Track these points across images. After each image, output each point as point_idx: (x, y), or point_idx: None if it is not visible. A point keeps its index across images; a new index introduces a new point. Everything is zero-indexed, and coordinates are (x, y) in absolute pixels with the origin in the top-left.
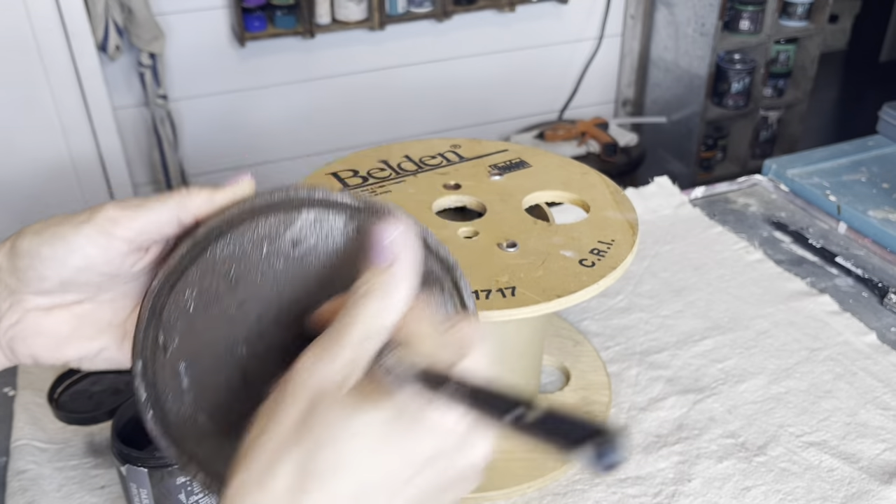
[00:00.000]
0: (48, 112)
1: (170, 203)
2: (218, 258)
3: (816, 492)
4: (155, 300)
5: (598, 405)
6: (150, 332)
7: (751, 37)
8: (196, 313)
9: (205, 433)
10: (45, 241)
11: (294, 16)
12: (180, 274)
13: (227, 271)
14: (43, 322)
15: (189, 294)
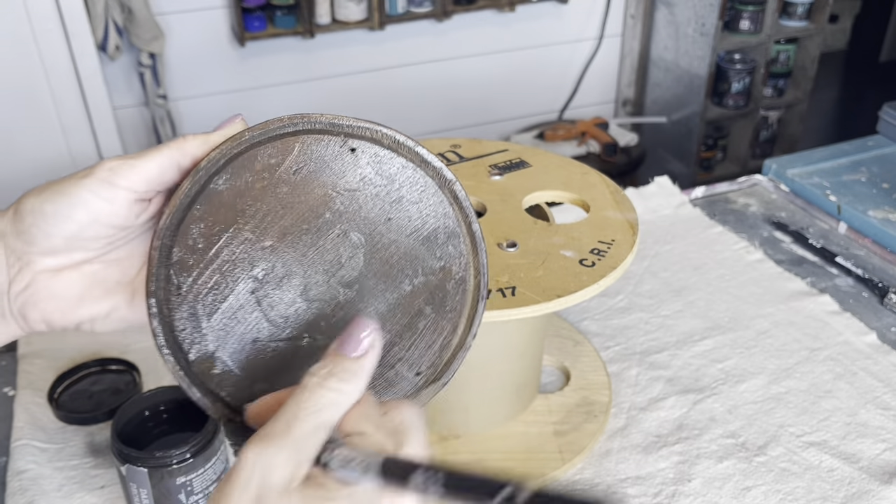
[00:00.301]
0: (48, 112)
1: (167, 150)
2: (221, 191)
3: (816, 492)
4: (163, 240)
5: (598, 405)
6: (160, 271)
7: (751, 37)
8: (206, 249)
9: (226, 372)
10: (48, 199)
11: (294, 16)
12: (185, 210)
13: (232, 203)
14: (53, 284)
15: (196, 230)
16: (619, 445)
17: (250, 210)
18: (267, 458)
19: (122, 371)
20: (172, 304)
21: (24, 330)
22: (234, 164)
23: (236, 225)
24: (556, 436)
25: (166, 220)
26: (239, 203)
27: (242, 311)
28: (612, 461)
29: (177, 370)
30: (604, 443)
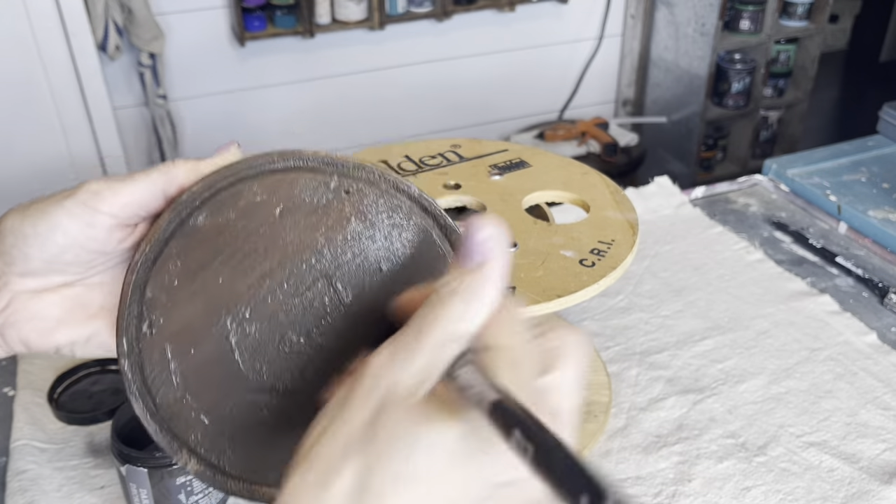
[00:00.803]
0: (48, 112)
1: (154, 175)
2: (200, 227)
3: (816, 492)
4: (137, 275)
5: (598, 405)
6: (133, 308)
7: (751, 37)
8: (181, 288)
9: (195, 417)
10: (27, 219)
11: (294, 16)
12: (162, 246)
13: (212, 241)
14: (32, 306)
15: (173, 267)
16: (619, 445)
17: (229, 250)
18: (394, 367)
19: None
20: (143, 343)
21: (5, 349)
22: (217, 199)
23: (214, 265)
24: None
25: (141, 255)
26: (219, 241)
27: (216, 356)
28: (612, 461)
29: (144, 414)
30: (604, 443)
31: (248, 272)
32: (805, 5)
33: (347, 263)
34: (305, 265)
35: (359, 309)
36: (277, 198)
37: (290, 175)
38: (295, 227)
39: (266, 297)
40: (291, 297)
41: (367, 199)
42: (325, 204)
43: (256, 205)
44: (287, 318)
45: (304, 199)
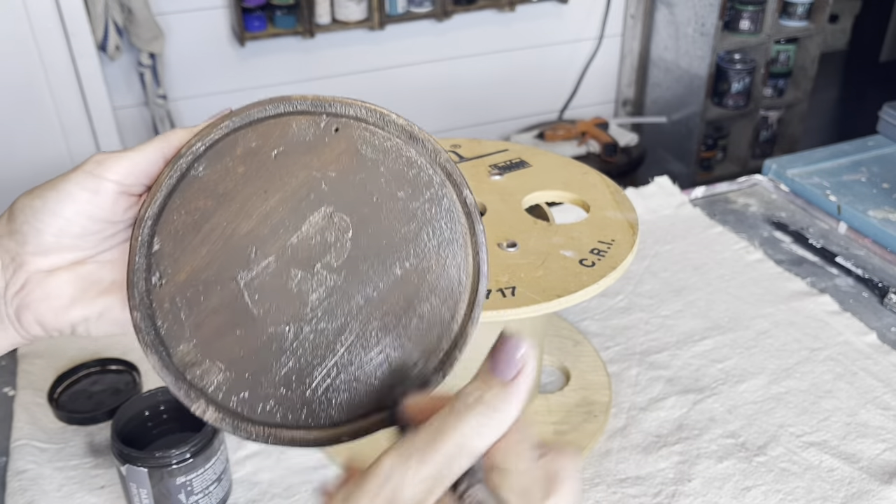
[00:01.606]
0: (48, 112)
1: (154, 143)
2: (201, 177)
3: (816, 492)
4: (143, 229)
5: (597, 405)
6: (141, 261)
7: (751, 37)
8: (187, 238)
9: (211, 365)
10: (37, 195)
11: (294, 16)
12: (165, 199)
13: (213, 190)
14: (47, 285)
15: (177, 218)
16: (619, 445)
17: (231, 195)
18: (404, 471)
19: (122, 371)
20: (154, 296)
21: (21, 335)
22: (213, 149)
23: (218, 212)
24: (556, 436)
25: (146, 209)
26: (220, 188)
27: (227, 301)
28: (612, 461)
29: (159, 366)
30: (604, 443)
31: (250, 214)
32: (805, 5)
33: (344, 196)
34: (305, 202)
35: (359, 240)
36: (272, 141)
37: (283, 120)
38: (292, 167)
39: (269, 237)
40: (294, 234)
41: (355, 134)
42: (318, 142)
43: (253, 150)
44: (292, 255)
45: (297, 139)
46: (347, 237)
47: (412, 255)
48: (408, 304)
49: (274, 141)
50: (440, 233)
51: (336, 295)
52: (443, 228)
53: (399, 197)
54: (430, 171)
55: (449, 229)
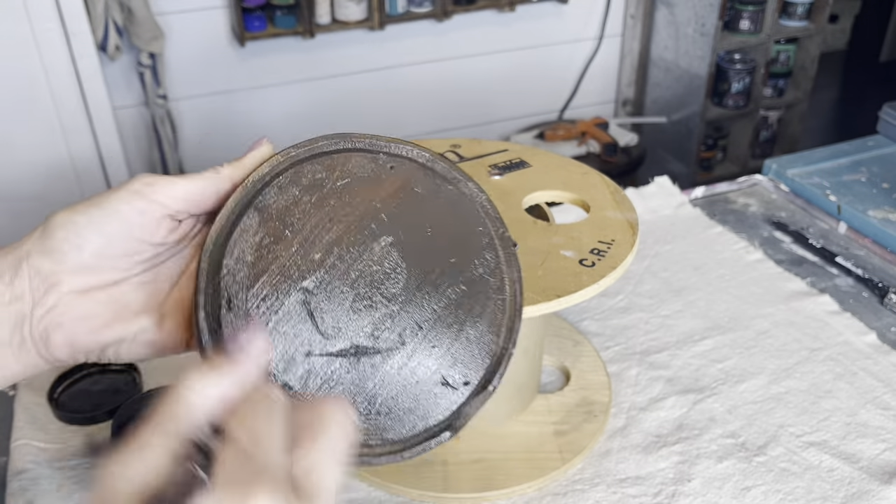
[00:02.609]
0: (48, 112)
1: (205, 174)
2: (270, 204)
3: (816, 492)
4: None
5: (597, 405)
6: (210, 284)
7: (751, 37)
8: (255, 263)
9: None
10: (80, 210)
11: (294, 16)
12: (234, 223)
13: (281, 216)
14: (80, 305)
15: (245, 242)
16: (618, 445)
17: (298, 223)
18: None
19: (122, 371)
20: (222, 318)
21: (45, 358)
22: (281, 178)
23: (285, 238)
24: (556, 436)
25: (216, 231)
26: (287, 216)
27: (293, 323)
28: (612, 461)
29: None
30: (604, 443)
31: (316, 242)
32: (805, 5)
33: (401, 228)
34: (367, 231)
35: (414, 269)
36: (336, 174)
37: (343, 155)
38: (354, 199)
39: (335, 263)
40: (357, 262)
41: (409, 173)
42: (376, 178)
43: (318, 181)
44: (355, 282)
45: (358, 174)
46: (403, 265)
47: (460, 282)
48: (459, 327)
49: (337, 174)
50: (486, 264)
51: (392, 319)
52: (488, 260)
53: (449, 230)
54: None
55: (494, 261)
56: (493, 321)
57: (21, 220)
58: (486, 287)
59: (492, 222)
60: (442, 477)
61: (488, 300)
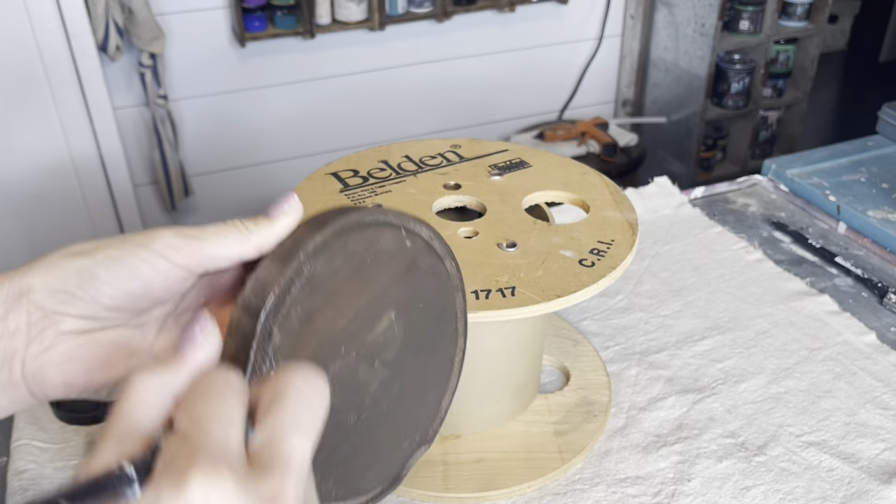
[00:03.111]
0: (48, 112)
1: (231, 237)
2: (317, 274)
3: (816, 491)
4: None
5: (597, 405)
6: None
7: (750, 37)
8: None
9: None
10: (101, 263)
11: (294, 16)
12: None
13: (324, 286)
14: (79, 345)
15: (293, 313)
16: (618, 445)
17: (335, 293)
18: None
19: None
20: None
21: (35, 395)
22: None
23: (325, 308)
24: (556, 435)
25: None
26: (328, 286)
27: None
28: (612, 461)
29: None
30: (603, 442)
31: (344, 312)
32: (804, 6)
33: (404, 301)
34: (381, 304)
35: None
36: (371, 247)
37: (377, 229)
38: (378, 272)
39: (355, 334)
40: (369, 332)
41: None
42: (397, 253)
43: (356, 253)
44: (365, 351)
45: (385, 249)
46: (400, 336)
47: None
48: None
49: (372, 247)
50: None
51: (386, 384)
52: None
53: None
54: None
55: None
56: (446, 384)
57: (22, 220)
58: (447, 355)
59: (461, 297)
60: (442, 477)
61: (447, 366)
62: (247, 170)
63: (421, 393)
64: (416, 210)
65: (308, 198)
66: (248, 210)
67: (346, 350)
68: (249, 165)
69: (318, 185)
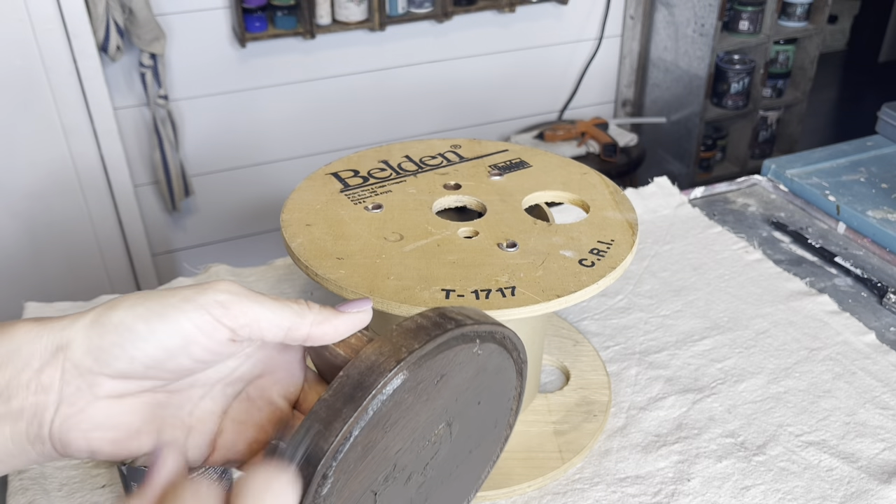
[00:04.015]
0: (49, 113)
1: (287, 310)
2: (381, 412)
3: (816, 491)
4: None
5: (597, 405)
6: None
7: (750, 37)
8: (355, 469)
9: None
10: (140, 317)
11: (294, 16)
12: (346, 437)
13: (385, 421)
14: (111, 412)
15: (352, 454)
16: (618, 445)
17: (396, 422)
18: None
19: None
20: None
21: (60, 454)
22: (402, 387)
23: (383, 439)
24: (556, 435)
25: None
26: (391, 419)
27: None
28: (612, 460)
29: None
30: (603, 442)
31: (402, 435)
32: (804, 6)
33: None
34: (440, 416)
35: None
36: (439, 372)
37: (451, 352)
38: (444, 389)
39: (408, 450)
40: (423, 444)
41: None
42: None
43: (424, 380)
44: (416, 461)
45: (455, 369)
46: (451, 439)
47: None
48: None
49: (442, 370)
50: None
51: (428, 485)
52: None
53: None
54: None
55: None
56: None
57: (22, 220)
58: (498, 436)
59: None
60: None
61: (495, 444)
62: (247, 170)
63: (464, 475)
64: (415, 210)
65: (308, 198)
66: (249, 210)
67: (398, 467)
68: (250, 165)
69: (318, 185)
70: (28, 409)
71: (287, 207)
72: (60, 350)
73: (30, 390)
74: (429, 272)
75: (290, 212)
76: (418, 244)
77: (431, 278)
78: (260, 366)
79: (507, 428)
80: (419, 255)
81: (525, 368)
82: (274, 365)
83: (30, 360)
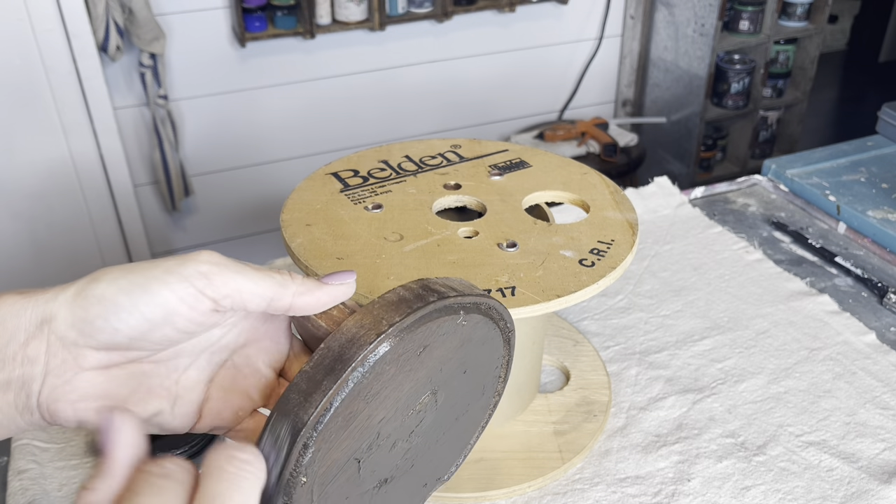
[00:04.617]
0: (49, 112)
1: (270, 281)
2: (363, 384)
3: (816, 491)
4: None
5: (597, 405)
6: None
7: (750, 37)
8: (337, 437)
9: None
10: (123, 290)
11: (294, 16)
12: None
13: (367, 392)
14: (97, 382)
15: (333, 424)
16: (618, 445)
17: (378, 393)
18: None
19: None
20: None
21: (49, 423)
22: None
23: (366, 409)
24: (556, 435)
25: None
26: (373, 389)
27: (347, 476)
28: (612, 461)
29: None
30: (603, 442)
31: (386, 405)
32: (804, 6)
33: (447, 376)
34: (424, 385)
35: (443, 407)
36: (423, 343)
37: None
38: (427, 359)
39: (393, 419)
40: (408, 412)
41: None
42: (450, 335)
43: (406, 352)
44: (402, 429)
45: (437, 337)
46: (437, 406)
47: (468, 407)
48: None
49: (425, 341)
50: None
51: (414, 451)
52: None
53: (478, 367)
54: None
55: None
56: (478, 426)
57: (22, 220)
58: (485, 403)
59: (508, 348)
60: None
61: (482, 411)
62: (247, 170)
63: (452, 441)
64: (415, 210)
65: (308, 198)
66: (248, 210)
67: (383, 436)
68: (250, 165)
69: (318, 185)
70: (16, 381)
71: (287, 207)
72: (45, 323)
73: (16, 362)
74: (429, 272)
75: (289, 212)
76: (418, 244)
77: None
78: (245, 335)
79: (495, 395)
80: (419, 255)
81: (513, 337)
82: (259, 334)
83: (15, 332)
